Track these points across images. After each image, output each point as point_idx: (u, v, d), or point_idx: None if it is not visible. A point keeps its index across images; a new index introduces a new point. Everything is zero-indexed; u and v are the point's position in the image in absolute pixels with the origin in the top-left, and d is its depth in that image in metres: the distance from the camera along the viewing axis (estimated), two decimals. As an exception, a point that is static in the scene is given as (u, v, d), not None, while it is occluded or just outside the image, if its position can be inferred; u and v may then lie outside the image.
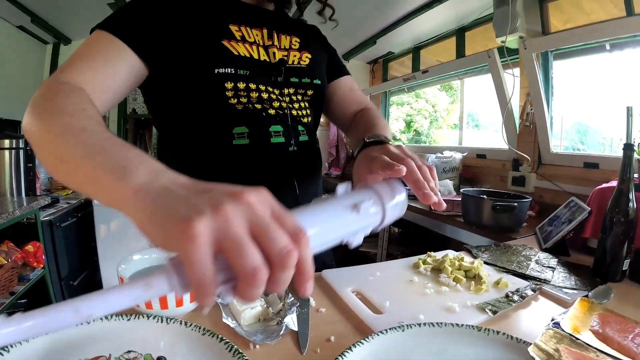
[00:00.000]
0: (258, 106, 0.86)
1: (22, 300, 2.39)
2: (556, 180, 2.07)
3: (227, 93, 0.83)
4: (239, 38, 0.86)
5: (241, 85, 0.83)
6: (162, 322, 0.58)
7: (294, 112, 0.92)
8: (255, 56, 0.87)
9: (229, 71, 0.82)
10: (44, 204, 2.44)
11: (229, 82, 0.82)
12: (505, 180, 2.36)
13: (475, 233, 1.66)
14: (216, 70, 0.81)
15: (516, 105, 2.39)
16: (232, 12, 0.89)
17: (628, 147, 0.95)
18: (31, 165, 2.65)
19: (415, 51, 3.51)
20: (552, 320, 0.66)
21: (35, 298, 2.41)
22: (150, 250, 0.77)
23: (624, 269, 0.96)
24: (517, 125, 2.36)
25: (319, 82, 0.97)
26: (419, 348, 0.58)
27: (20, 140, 2.57)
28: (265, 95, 0.87)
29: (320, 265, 1.02)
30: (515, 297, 0.80)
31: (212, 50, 0.82)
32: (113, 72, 0.72)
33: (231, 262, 0.31)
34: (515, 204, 1.57)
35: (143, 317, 0.59)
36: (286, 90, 0.92)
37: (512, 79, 2.29)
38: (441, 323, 0.61)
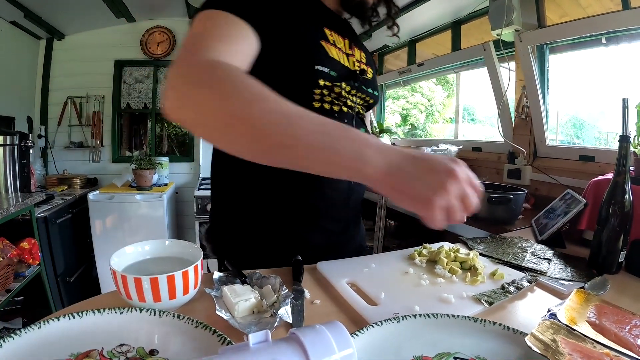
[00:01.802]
0: (335, 107, 0.94)
1: (19, 298, 2.38)
2: (552, 173, 2.07)
3: (316, 90, 0.89)
4: (331, 42, 0.92)
5: (328, 84, 0.89)
6: (154, 315, 0.58)
7: (359, 115, 1.04)
8: (342, 62, 0.94)
9: (325, 70, 0.88)
10: (38, 200, 2.42)
11: (322, 80, 0.88)
12: (501, 173, 2.36)
13: (471, 225, 1.66)
14: (315, 67, 0.87)
15: (512, 99, 2.38)
16: (325, 16, 0.97)
17: (624, 139, 0.95)
18: (25, 161, 2.63)
19: (411, 44, 3.49)
20: (549, 311, 0.66)
21: (32, 295, 2.40)
22: (143, 243, 0.76)
23: (620, 260, 0.96)
24: (513, 118, 2.36)
25: (377, 93, 1.08)
26: (415, 339, 0.58)
27: (15, 137, 2.54)
28: (343, 95, 0.95)
29: (357, 248, 1.10)
30: (511, 289, 0.80)
31: (313, 47, 0.88)
32: (242, 54, 0.73)
33: (450, 215, 0.52)
34: (511, 196, 1.57)
35: (135, 310, 0.58)
36: (358, 95, 1.00)
37: (507, 72, 2.29)
38: (437, 314, 0.61)
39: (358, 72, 0.97)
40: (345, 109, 0.96)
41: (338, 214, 1.02)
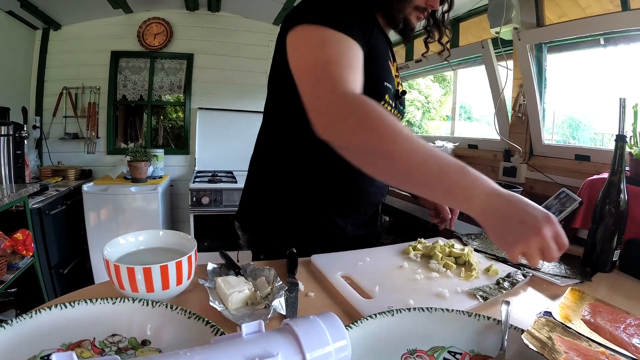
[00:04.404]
0: None
1: (12, 290, 2.37)
2: (547, 172, 2.07)
3: (381, 103, 0.97)
4: (391, 64, 1.02)
5: (389, 100, 0.99)
6: (147, 305, 0.57)
7: None
8: (394, 80, 1.04)
9: (390, 86, 0.99)
10: (32, 191, 2.40)
11: (387, 95, 0.98)
12: (496, 170, 2.36)
13: (466, 222, 1.66)
14: (385, 83, 0.97)
15: (509, 97, 2.38)
16: (385, 35, 1.04)
17: (620, 139, 0.95)
18: (20, 152, 2.60)
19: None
20: (544, 310, 0.66)
21: (25, 287, 2.38)
22: (136, 234, 0.75)
23: (614, 259, 0.96)
24: (510, 116, 2.36)
25: (405, 111, 1.18)
26: (409, 333, 0.58)
27: (10, 127, 2.51)
28: (389, 111, 1.03)
29: (376, 237, 1.25)
30: (506, 284, 0.80)
31: (385, 66, 0.98)
32: (361, 76, 0.81)
33: (529, 260, 0.61)
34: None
35: (128, 300, 0.58)
36: (394, 112, 1.07)
37: (505, 70, 2.28)
38: (431, 308, 0.61)
39: (400, 92, 1.08)
40: None
41: (369, 209, 1.15)
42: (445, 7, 1.07)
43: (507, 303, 0.65)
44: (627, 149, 1.08)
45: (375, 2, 0.97)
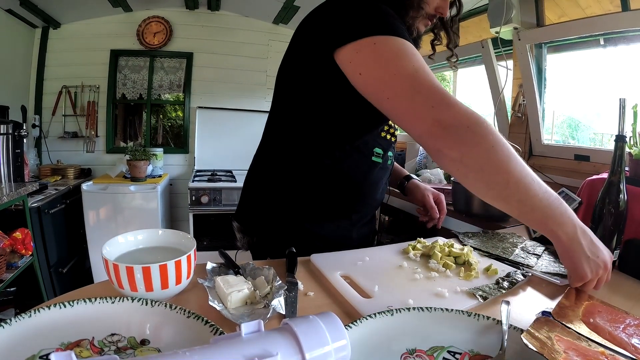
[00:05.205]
0: (388, 136, 1.10)
1: (11, 289, 2.36)
2: (546, 172, 2.07)
3: (389, 123, 1.09)
4: None
5: None
6: (146, 304, 0.57)
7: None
8: None
9: None
10: (32, 190, 2.40)
11: None
12: (496, 171, 2.36)
13: (466, 222, 1.66)
14: None
15: (508, 97, 2.39)
16: None
17: (620, 139, 0.95)
18: (19, 151, 2.60)
19: (409, 41, 3.49)
20: (544, 309, 0.66)
21: (24, 286, 2.38)
22: (136, 233, 0.75)
23: (613, 259, 0.96)
24: (509, 116, 2.36)
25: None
26: (408, 332, 0.57)
27: (9, 126, 2.51)
28: (392, 130, 1.12)
29: (372, 236, 1.28)
30: (505, 284, 0.80)
31: None
32: None
33: (587, 286, 0.77)
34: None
35: (127, 299, 0.58)
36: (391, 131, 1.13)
37: (505, 70, 2.29)
38: (430, 308, 0.61)
39: None
40: (393, 139, 1.13)
41: (370, 212, 1.19)
42: (454, 10, 1.07)
43: (507, 303, 0.65)
44: (627, 149, 1.08)
45: (395, 12, 0.96)
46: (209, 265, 0.80)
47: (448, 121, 0.73)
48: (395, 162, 1.38)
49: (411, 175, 1.43)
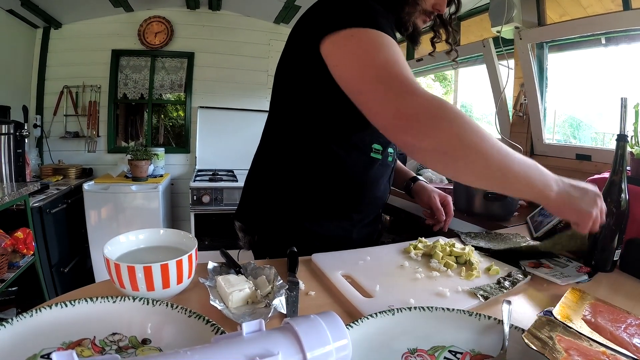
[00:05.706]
0: None
1: (13, 288, 2.37)
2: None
3: None
4: None
5: None
6: (148, 304, 0.57)
7: None
8: None
9: None
10: (33, 190, 2.40)
11: None
12: (497, 170, 2.36)
13: (467, 221, 1.66)
14: None
15: (510, 96, 2.38)
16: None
17: (621, 139, 0.94)
18: (21, 151, 2.60)
19: (410, 40, 3.48)
20: (545, 309, 0.66)
21: (26, 285, 2.39)
22: (137, 232, 0.75)
23: (614, 259, 0.96)
24: (510, 115, 2.36)
25: None
26: (410, 332, 0.57)
27: (10, 126, 2.51)
28: None
29: (377, 236, 1.29)
30: (507, 283, 0.80)
31: None
32: None
33: (595, 224, 0.79)
34: (507, 193, 1.56)
35: (129, 299, 0.58)
36: None
37: (506, 69, 2.28)
38: (432, 307, 0.61)
39: None
40: None
41: (373, 211, 1.17)
42: (453, 8, 1.07)
43: (509, 302, 0.65)
44: (628, 149, 1.08)
45: (388, 7, 0.95)
46: (210, 265, 0.79)
47: (411, 110, 0.71)
48: (400, 163, 1.37)
49: (417, 176, 1.41)
